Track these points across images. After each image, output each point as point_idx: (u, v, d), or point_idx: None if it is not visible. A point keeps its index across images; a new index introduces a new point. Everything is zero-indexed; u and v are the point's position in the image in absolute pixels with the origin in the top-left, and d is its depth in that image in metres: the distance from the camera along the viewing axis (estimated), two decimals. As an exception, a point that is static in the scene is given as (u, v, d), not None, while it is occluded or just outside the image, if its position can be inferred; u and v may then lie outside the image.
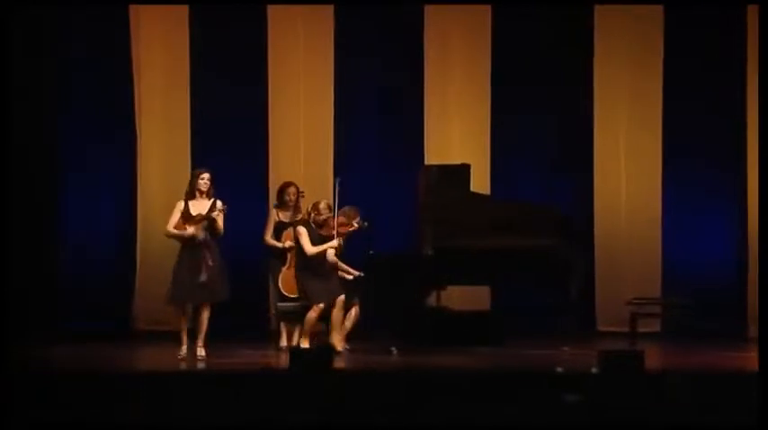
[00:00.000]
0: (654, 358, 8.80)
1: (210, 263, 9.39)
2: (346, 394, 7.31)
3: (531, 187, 11.52)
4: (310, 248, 9.79)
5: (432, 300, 10.53)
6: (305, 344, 9.58)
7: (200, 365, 9.20)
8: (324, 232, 9.93)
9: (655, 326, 11.11)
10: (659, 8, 11.47)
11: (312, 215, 9.95)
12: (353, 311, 9.84)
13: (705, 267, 11.33)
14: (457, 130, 11.75)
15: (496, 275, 10.10)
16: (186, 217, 9.47)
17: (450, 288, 10.50)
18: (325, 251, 9.83)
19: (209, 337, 9.55)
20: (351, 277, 9.99)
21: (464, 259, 9.95)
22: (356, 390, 7.43)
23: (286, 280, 9.98)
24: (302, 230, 9.85)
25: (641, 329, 10.23)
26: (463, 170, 10.28)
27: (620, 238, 11.69)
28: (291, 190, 10.25)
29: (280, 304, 9.98)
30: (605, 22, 11.58)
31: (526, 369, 8.84)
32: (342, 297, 9.73)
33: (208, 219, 9.43)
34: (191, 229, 9.42)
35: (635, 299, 10.41)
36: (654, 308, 10.50)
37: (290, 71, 11.65)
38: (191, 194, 9.53)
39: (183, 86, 11.58)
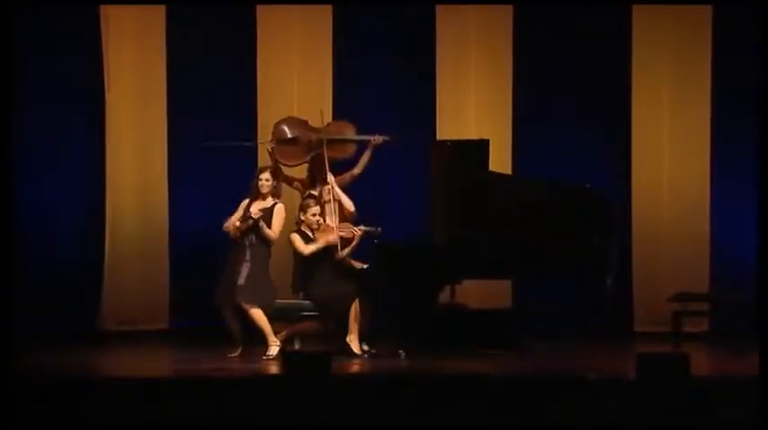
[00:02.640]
0: (701, 362, 8.79)
1: (248, 266, 9.69)
2: (346, 403, 7.29)
3: (559, 166, 11.48)
4: (305, 248, 9.86)
5: (445, 296, 10.46)
6: (354, 345, 9.77)
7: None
8: (320, 236, 9.94)
9: (702, 325, 11.08)
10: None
11: (303, 216, 9.98)
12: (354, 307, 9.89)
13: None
14: (473, 100, 11.74)
15: (519, 268, 10.08)
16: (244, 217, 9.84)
17: (466, 282, 10.42)
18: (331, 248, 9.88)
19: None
20: (358, 267, 10.02)
21: (482, 249, 9.91)
22: (358, 398, 7.41)
23: None
24: (295, 237, 9.92)
25: (686, 329, 10.19)
26: (481, 146, 10.25)
27: (662, 226, 11.71)
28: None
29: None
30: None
31: (553, 375, 8.81)
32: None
33: (246, 221, 9.71)
34: (230, 226, 9.76)
35: (679, 294, 10.38)
36: (701, 305, 10.47)
37: (284, 38, 11.71)
38: (255, 195, 9.86)
39: (159, 60, 11.65)
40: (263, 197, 9.88)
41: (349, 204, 10.10)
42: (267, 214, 9.78)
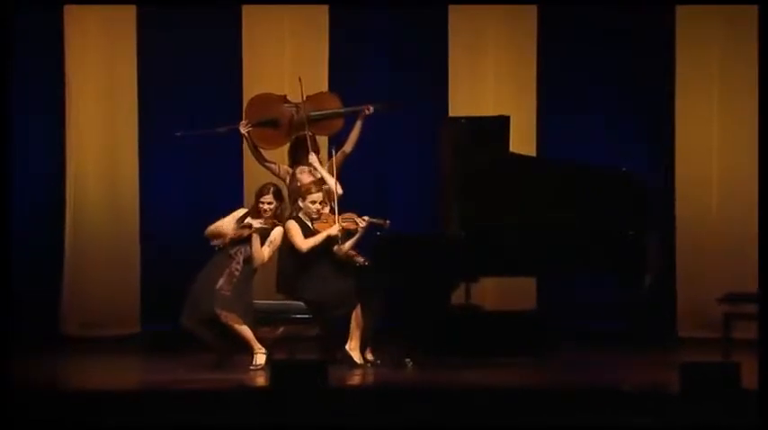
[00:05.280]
0: (754, 373, 8.73)
1: (234, 277, 9.71)
2: (345, 418, 7.26)
3: (591, 148, 11.55)
4: (303, 243, 9.76)
5: (459, 296, 10.48)
6: (355, 353, 9.75)
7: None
8: (320, 226, 9.89)
9: (755, 331, 11.02)
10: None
11: (302, 203, 9.88)
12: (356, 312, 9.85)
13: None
14: (492, 73, 11.69)
15: (545, 263, 10.02)
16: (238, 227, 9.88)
17: (483, 280, 10.46)
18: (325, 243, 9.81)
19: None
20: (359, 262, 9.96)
21: (502, 242, 9.87)
22: (359, 413, 7.39)
23: None
24: (291, 226, 9.82)
25: (737, 335, 10.16)
26: (500, 124, 10.21)
27: (710, 219, 11.87)
28: None
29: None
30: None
31: (584, 387, 8.77)
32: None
33: (242, 230, 9.76)
34: (219, 229, 9.78)
35: (730, 295, 10.31)
36: (754, 306, 10.42)
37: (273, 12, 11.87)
38: (254, 213, 9.84)
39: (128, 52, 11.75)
40: (266, 220, 9.82)
41: (334, 185, 9.94)
42: (266, 232, 9.75)
